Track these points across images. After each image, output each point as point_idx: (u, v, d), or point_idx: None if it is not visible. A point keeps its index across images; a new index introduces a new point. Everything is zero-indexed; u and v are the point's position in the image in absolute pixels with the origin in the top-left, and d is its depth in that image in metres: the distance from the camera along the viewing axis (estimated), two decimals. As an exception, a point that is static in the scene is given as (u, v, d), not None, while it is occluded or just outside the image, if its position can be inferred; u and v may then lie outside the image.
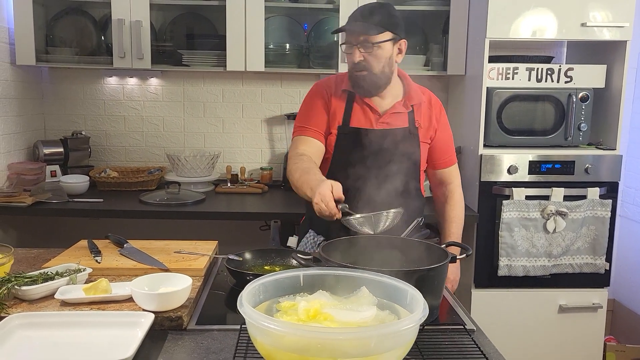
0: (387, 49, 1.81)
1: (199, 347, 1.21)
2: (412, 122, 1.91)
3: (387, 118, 1.90)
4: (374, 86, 1.86)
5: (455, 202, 2.05)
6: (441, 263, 1.30)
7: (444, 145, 2.01)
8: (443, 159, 2.02)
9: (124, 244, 1.73)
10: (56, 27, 3.07)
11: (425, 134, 1.95)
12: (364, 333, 0.94)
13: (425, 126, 1.94)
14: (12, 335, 1.19)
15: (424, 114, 1.95)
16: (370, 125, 1.90)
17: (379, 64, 1.81)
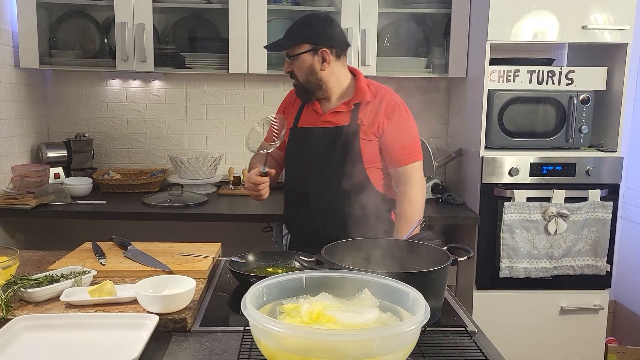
0: (306, 60, 1.98)
1: (203, 348, 1.22)
2: (354, 119, 1.99)
3: (328, 117, 2.03)
4: (306, 92, 2.04)
5: (408, 203, 2.01)
6: (442, 265, 1.31)
7: (395, 145, 2.01)
8: (394, 158, 2.02)
9: (127, 246, 1.75)
10: (59, 30, 3.09)
11: (367, 131, 1.99)
12: (367, 335, 0.95)
13: (368, 123, 1.99)
14: (18, 337, 1.20)
15: (369, 112, 1.99)
16: (313, 124, 2.05)
17: (302, 74, 2.00)
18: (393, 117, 2.00)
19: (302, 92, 2.06)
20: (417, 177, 2.04)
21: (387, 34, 3.18)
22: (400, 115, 2.02)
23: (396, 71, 3.03)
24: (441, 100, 3.32)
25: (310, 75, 2.00)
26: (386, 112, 2.00)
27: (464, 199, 2.91)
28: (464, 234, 2.87)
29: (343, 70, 2.05)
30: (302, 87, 2.04)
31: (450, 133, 3.26)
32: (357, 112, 1.99)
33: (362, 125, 1.98)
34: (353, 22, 2.88)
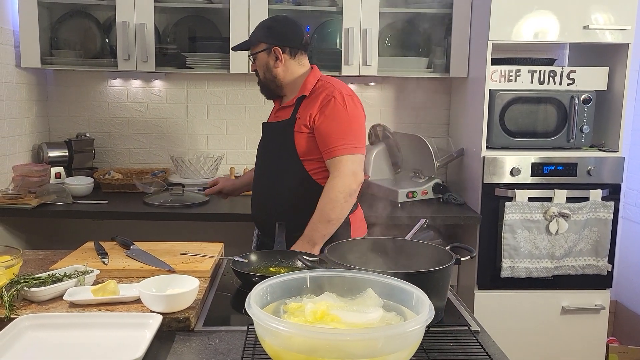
0: (261, 58, 2.09)
1: (206, 348, 1.22)
2: (294, 114, 2.06)
3: (279, 112, 2.16)
4: (267, 90, 2.16)
5: (325, 194, 1.96)
6: (446, 265, 1.31)
7: (326, 136, 1.98)
8: (324, 149, 2.00)
9: (130, 245, 1.75)
10: (61, 30, 3.09)
11: (300, 124, 2.03)
12: (372, 334, 0.95)
13: (303, 116, 2.02)
14: (21, 336, 1.20)
15: (306, 105, 2.04)
16: (269, 120, 2.22)
17: (261, 71, 2.11)
18: (326, 109, 1.98)
19: (263, 89, 2.17)
20: (344, 171, 1.95)
21: (388, 34, 3.19)
22: (333, 108, 1.97)
23: (397, 71, 3.03)
24: (442, 100, 3.32)
25: (266, 73, 2.10)
26: (321, 105, 1.99)
27: (465, 198, 2.91)
28: (465, 233, 2.87)
29: (300, 68, 2.10)
30: (261, 85, 2.16)
31: (452, 133, 3.26)
32: (298, 107, 2.06)
33: (297, 119, 2.03)
34: (354, 22, 2.88)
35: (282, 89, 2.13)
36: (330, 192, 1.95)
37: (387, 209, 2.75)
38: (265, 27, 2.10)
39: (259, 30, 2.10)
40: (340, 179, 1.95)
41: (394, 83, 3.30)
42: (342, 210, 1.96)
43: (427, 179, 2.93)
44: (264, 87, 2.16)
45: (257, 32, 2.10)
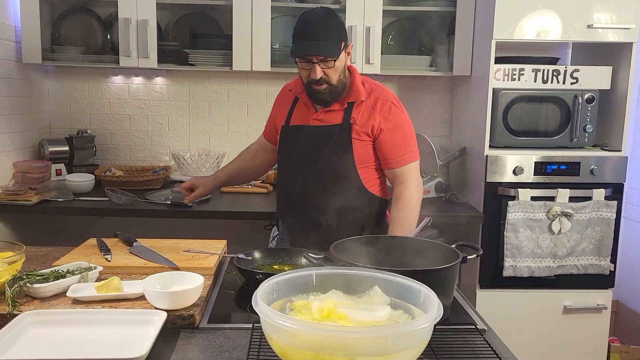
0: (342, 59, 1.89)
1: (211, 345, 1.21)
2: (346, 118, 1.93)
3: (320, 115, 1.97)
4: (333, 96, 1.93)
5: (403, 205, 1.95)
6: (453, 263, 1.30)
7: (393, 144, 1.96)
8: (392, 157, 1.97)
9: (133, 242, 1.74)
10: (62, 26, 3.08)
11: (359, 131, 1.93)
12: (381, 332, 0.95)
13: (361, 123, 1.93)
14: (24, 332, 1.19)
15: (363, 111, 1.94)
16: (304, 122, 1.99)
17: (337, 75, 1.89)
18: (389, 117, 1.95)
19: (329, 95, 1.92)
20: (413, 179, 1.98)
21: (391, 32, 3.18)
22: (395, 115, 1.97)
23: (400, 69, 3.02)
24: (445, 99, 3.31)
25: (342, 74, 1.91)
26: (383, 112, 1.94)
27: (467, 197, 2.90)
28: (467, 232, 2.86)
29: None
30: (330, 91, 1.91)
31: (454, 132, 3.25)
32: (350, 111, 1.94)
33: (354, 125, 1.93)
34: (357, 20, 2.87)
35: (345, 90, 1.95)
36: (410, 203, 1.95)
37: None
38: (339, 23, 1.88)
39: (337, 30, 1.86)
40: (414, 187, 1.98)
41: (397, 81, 3.28)
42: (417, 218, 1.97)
43: (429, 177, 2.92)
44: (332, 93, 1.91)
45: (334, 31, 1.85)
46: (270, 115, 2.23)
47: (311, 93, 1.93)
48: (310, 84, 1.89)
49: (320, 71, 1.84)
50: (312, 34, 1.83)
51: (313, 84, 1.88)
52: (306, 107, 2.01)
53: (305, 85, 1.92)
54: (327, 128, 1.95)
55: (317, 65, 1.84)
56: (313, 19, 1.84)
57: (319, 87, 1.88)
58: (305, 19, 1.87)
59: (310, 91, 1.92)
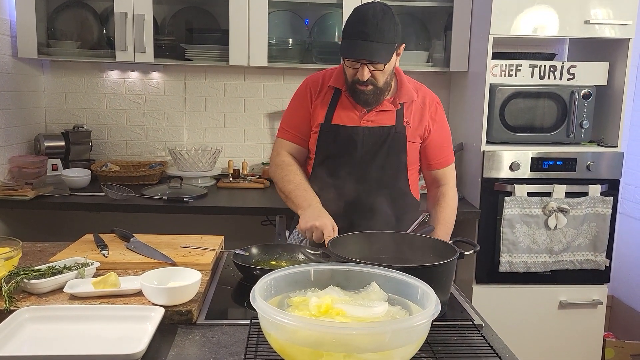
0: (392, 61, 1.78)
1: (209, 341, 1.21)
2: (400, 120, 1.87)
3: (372, 116, 1.87)
4: (376, 98, 1.83)
5: (447, 204, 1.96)
6: (450, 259, 1.31)
7: (440, 146, 1.96)
8: (438, 159, 1.97)
9: (130, 238, 1.73)
10: (58, 20, 3.06)
11: (413, 133, 1.89)
12: (379, 328, 0.95)
13: (414, 125, 1.88)
14: (22, 328, 1.19)
15: (414, 112, 1.89)
16: (354, 123, 1.87)
17: (384, 77, 1.79)
18: (437, 117, 1.92)
19: (373, 97, 1.82)
20: (454, 179, 2.02)
21: (388, 27, 3.17)
22: (442, 116, 1.96)
23: (397, 65, 3.01)
24: (442, 95, 3.30)
25: (389, 76, 1.82)
26: (430, 112, 1.91)
27: (464, 193, 2.90)
28: (464, 228, 2.87)
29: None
30: (375, 92, 1.81)
31: (451, 127, 3.22)
32: (402, 112, 1.87)
33: (408, 127, 1.87)
34: (355, 15, 2.86)
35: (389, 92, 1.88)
36: (453, 203, 1.98)
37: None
38: (394, 24, 1.73)
39: (391, 32, 1.72)
40: (455, 188, 2.01)
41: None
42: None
43: (426, 173, 2.92)
44: (376, 94, 1.82)
45: (390, 35, 1.72)
46: (295, 113, 1.97)
47: (354, 93, 1.82)
48: (355, 83, 1.79)
49: (368, 73, 1.74)
50: (366, 34, 1.69)
51: (358, 83, 1.78)
52: (352, 106, 1.88)
53: (349, 84, 1.82)
54: (381, 130, 1.86)
55: (366, 66, 1.73)
56: (369, 17, 1.70)
57: (364, 88, 1.79)
58: (360, 15, 1.72)
59: (353, 90, 1.82)
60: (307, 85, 1.97)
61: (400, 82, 1.90)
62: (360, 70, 1.75)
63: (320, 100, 1.91)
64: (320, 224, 1.66)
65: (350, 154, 1.87)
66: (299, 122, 1.95)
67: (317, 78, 1.96)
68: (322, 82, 1.93)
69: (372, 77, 1.76)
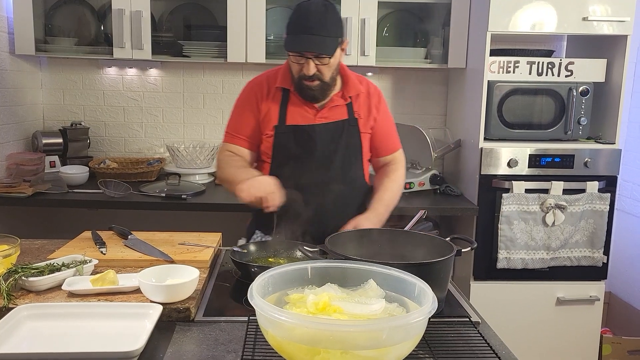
0: (337, 56, 1.81)
1: (207, 338, 1.21)
2: (351, 113, 1.92)
3: (325, 112, 1.90)
4: (324, 93, 1.86)
5: (397, 177, 2.01)
6: (447, 256, 1.31)
7: (386, 133, 2.01)
8: (386, 146, 2.02)
9: (128, 235, 1.74)
10: (55, 17, 3.05)
11: (365, 124, 1.94)
12: (376, 325, 0.95)
13: (364, 116, 1.94)
14: (20, 326, 1.19)
15: (362, 104, 1.95)
16: (309, 121, 1.88)
17: (330, 71, 1.81)
18: (380, 106, 1.99)
19: (319, 92, 1.84)
20: (404, 162, 2.08)
21: (386, 24, 3.17)
22: (384, 105, 2.02)
23: (395, 61, 3.02)
24: (440, 91, 3.32)
25: (335, 71, 1.85)
26: (374, 102, 1.97)
27: (462, 190, 2.91)
28: (462, 225, 2.88)
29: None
30: (322, 88, 1.83)
31: (449, 124, 3.26)
32: (352, 105, 1.92)
33: (359, 119, 1.93)
34: (353, 12, 2.86)
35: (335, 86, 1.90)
36: (401, 181, 2.03)
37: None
38: (337, 18, 1.78)
39: (336, 25, 1.77)
40: (404, 169, 2.06)
41: (392, 73, 3.28)
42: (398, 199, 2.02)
43: (424, 170, 2.93)
44: (322, 89, 1.84)
45: (334, 28, 1.76)
46: (241, 118, 1.96)
47: (301, 88, 1.84)
48: (301, 79, 1.81)
49: (314, 67, 1.76)
50: (310, 28, 1.72)
51: (304, 79, 1.80)
52: (305, 104, 1.90)
53: (296, 80, 1.84)
54: (336, 125, 1.89)
55: (312, 61, 1.76)
56: (312, 12, 1.73)
57: (311, 84, 1.81)
58: (303, 10, 1.75)
59: (300, 86, 1.84)
60: (251, 89, 1.96)
61: (346, 76, 1.93)
62: (305, 65, 1.76)
63: (269, 102, 1.91)
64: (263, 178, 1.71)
65: (310, 151, 1.89)
66: (245, 126, 1.94)
67: (260, 81, 1.96)
68: (268, 84, 1.93)
69: (318, 72, 1.78)
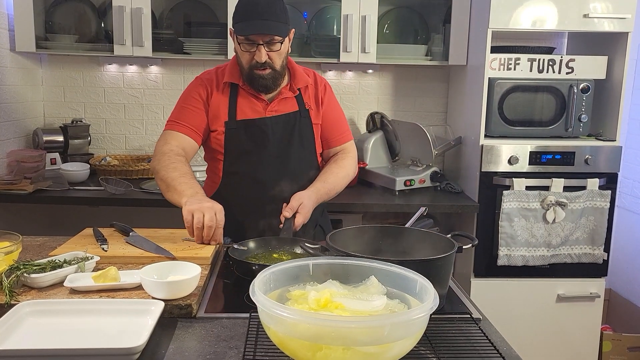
0: (286, 44, 1.82)
1: (209, 334, 1.21)
2: (301, 105, 1.93)
3: (275, 105, 1.90)
4: (274, 82, 1.85)
5: (345, 165, 1.98)
6: (449, 253, 1.31)
7: (335, 123, 2.01)
8: (336, 136, 2.02)
9: (129, 232, 1.74)
10: (56, 14, 3.05)
11: (316, 115, 1.95)
12: (378, 321, 0.95)
13: (315, 107, 1.95)
14: (22, 322, 1.19)
15: (311, 95, 1.95)
16: (260, 115, 1.88)
17: (280, 59, 1.82)
18: (326, 96, 1.99)
19: (271, 81, 1.84)
20: (355, 152, 2.07)
21: (387, 21, 3.17)
22: (331, 94, 2.02)
23: (396, 58, 3.02)
24: (441, 88, 3.32)
25: (285, 60, 1.85)
26: (322, 93, 1.97)
27: (462, 187, 2.91)
28: (462, 222, 2.88)
29: None
30: (272, 76, 1.83)
31: (450, 121, 3.26)
32: (301, 97, 1.93)
33: (310, 110, 1.94)
34: (353, 9, 2.86)
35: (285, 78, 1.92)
36: (350, 169, 2.00)
37: (385, 197, 2.76)
38: (283, 4, 1.79)
39: (284, 11, 1.78)
40: (355, 160, 2.04)
41: (392, 71, 3.28)
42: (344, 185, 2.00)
43: (424, 167, 2.93)
44: (274, 78, 1.85)
45: (283, 15, 1.78)
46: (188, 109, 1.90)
47: (252, 78, 1.83)
48: (252, 68, 1.80)
49: (265, 54, 1.76)
50: (260, 13, 1.73)
51: (256, 68, 1.79)
52: (254, 98, 1.89)
53: (246, 70, 1.82)
54: (287, 117, 1.90)
55: (263, 47, 1.76)
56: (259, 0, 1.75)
57: (262, 72, 1.80)
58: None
59: (251, 76, 1.82)
60: (201, 82, 1.93)
61: (293, 69, 1.94)
62: (257, 52, 1.76)
63: (218, 97, 1.89)
64: (211, 205, 1.59)
65: (263, 145, 1.88)
66: (192, 116, 1.89)
67: (210, 76, 1.93)
68: (217, 79, 1.92)
69: (270, 60, 1.78)
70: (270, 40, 1.76)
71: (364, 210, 2.70)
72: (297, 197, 1.80)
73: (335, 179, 1.94)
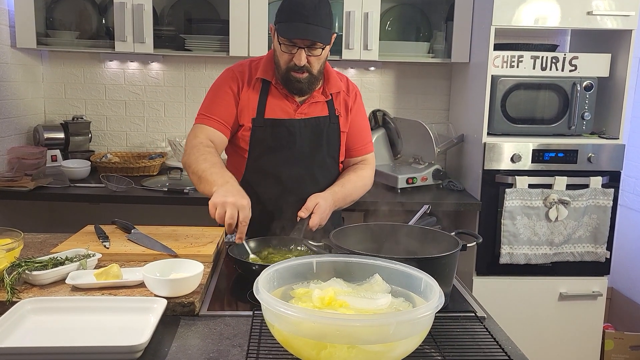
0: (327, 49, 1.78)
1: (212, 332, 1.21)
2: (332, 111, 1.88)
3: (305, 108, 1.85)
4: (310, 86, 1.81)
5: (364, 175, 1.95)
6: (453, 251, 1.30)
7: (360, 133, 1.97)
8: (359, 146, 1.97)
9: (131, 229, 1.73)
10: (57, 10, 3.04)
11: (344, 123, 1.91)
12: (384, 320, 0.95)
13: (344, 114, 1.91)
14: (24, 320, 1.18)
15: (341, 102, 1.91)
16: (289, 116, 1.84)
17: (319, 64, 1.77)
18: (356, 104, 1.95)
19: (307, 85, 1.79)
20: (374, 166, 2.04)
21: (389, 18, 3.15)
22: (360, 104, 1.98)
23: (398, 56, 3.00)
24: (443, 86, 3.30)
25: (323, 65, 1.81)
26: (352, 101, 1.94)
27: (465, 185, 2.90)
28: (464, 220, 2.87)
29: None
30: (309, 80, 1.78)
31: (452, 119, 3.25)
32: (332, 103, 1.89)
33: (340, 117, 1.90)
34: (356, 5, 2.85)
35: (320, 82, 1.86)
36: (368, 181, 1.97)
37: (387, 195, 2.75)
38: (330, 11, 1.73)
39: (329, 17, 1.72)
40: (373, 171, 2.01)
41: (395, 68, 3.27)
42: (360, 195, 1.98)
43: (426, 165, 2.92)
44: (310, 83, 1.79)
45: (328, 19, 1.72)
46: (219, 101, 1.85)
47: (288, 80, 1.78)
48: (289, 70, 1.75)
49: (305, 58, 1.72)
50: (306, 17, 1.67)
51: (293, 70, 1.75)
52: (285, 98, 1.84)
53: (283, 71, 1.77)
54: (316, 121, 1.86)
55: (303, 51, 1.71)
56: (306, 2, 1.68)
57: (300, 76, 1.75)
58: (297, 0, 1.69)
59: (287, 78, 1.78)
60: (233, 74, 1.87)
61: (327, 73, 1.88)
62: (297, 55, 1.72)
63: (249, 92, 1.84)
64: (235, 200, 1.51)
65: (288, 147, 1.84)
66: (222, 109, 1.84)
67: (242, 68, 1.88)
68: (250, 72, 1.86)
69: (308, 64, 1.74)
70: (311, 44, 1.71)
71: (366, 208, 2.69)
72: (314, 197, 1.77)
73: (354, 186, 1.91)
